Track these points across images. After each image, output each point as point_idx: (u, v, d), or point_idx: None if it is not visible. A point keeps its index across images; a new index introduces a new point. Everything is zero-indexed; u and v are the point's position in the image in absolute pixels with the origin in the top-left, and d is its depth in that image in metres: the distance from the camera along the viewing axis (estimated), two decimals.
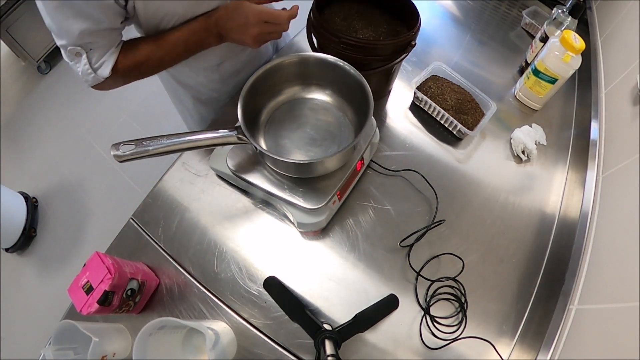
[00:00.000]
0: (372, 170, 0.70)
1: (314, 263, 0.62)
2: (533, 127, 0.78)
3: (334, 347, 0.47)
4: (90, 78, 0.58)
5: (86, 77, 0.58)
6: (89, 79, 0.58)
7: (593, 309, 0.52)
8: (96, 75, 0.58)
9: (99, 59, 0.57)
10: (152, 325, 0.47)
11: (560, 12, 0.79)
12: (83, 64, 0.56)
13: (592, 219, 0.64)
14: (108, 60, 0.57)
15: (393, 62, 0.67)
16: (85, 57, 0.56)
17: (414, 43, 0.66)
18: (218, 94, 0.82)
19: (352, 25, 0.69)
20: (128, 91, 2.23)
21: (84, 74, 0.58)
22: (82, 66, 0.57)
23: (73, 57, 0.56)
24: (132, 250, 0.64)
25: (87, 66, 0.57)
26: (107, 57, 0.57)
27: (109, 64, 0.58)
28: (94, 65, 0.57)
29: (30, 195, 1.72)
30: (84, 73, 0.57)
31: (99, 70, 0.58)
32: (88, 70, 0.57)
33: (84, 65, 0.56)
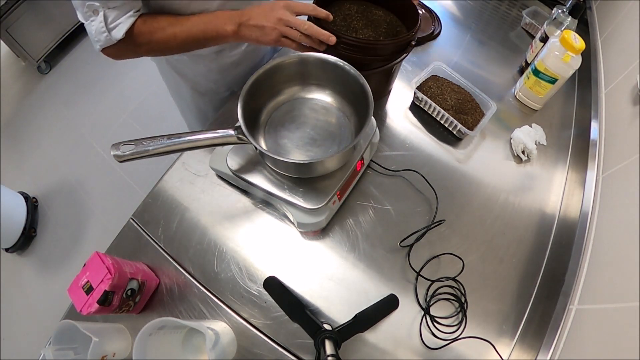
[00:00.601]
0: (372, 170, 0.70)
1: (314, 263, 0.62)
2: (533, 127, 0.78)
3: (334, 347, 0.47)
4: (102, 38, 0.56)
5: (99, 37, 0.56)
6: (102, 39, 0.57)
7: (593, 309, 0.52)
8: (109, 36, 0.56)
9: (116, 19, 0.56)
10: (152, 325, 0.47)
11: (560, 12, 0.79)
12: (98, 22, 0.55)
13: (592, 219, 0.64)
14: (124, 23, 0.56)
15: (393, 62, 0.67)
16: (102, 15, 0.54)
17: (413, 43, 0.66)
18: (216, 85, 0.83)
19: (351, 25, 0.69)
20: (128, 91, 2.25)
21: (97, 33, 0.56)
22: (96, 24, 0.55)
23: (90, 14, 0.55)
24: (132, 250, 0.64)
25: (102, 24, 0.55)
26: (124, 19, 0.56)
27: (124, 26, 0.56)
28: (109, 25, 0.55)
29: (30, 195, 1.72)
30: (98, 32, 0.56)
31: (114, 31, 0.56)
32: (102, 29, 0.55)
33: (99, 23, 0.55)
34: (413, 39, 0.65)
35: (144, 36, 0.59)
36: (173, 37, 0.61)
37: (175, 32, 0.60)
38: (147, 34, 0.59)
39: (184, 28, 0.60)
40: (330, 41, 0.60)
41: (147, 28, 0.59)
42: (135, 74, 2.12)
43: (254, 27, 0.60)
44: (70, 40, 2.26)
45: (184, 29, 0.60)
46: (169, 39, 0.61)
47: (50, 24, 2.10)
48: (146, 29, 0.59)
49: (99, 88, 2.13)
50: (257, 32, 0.60)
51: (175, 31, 0.60)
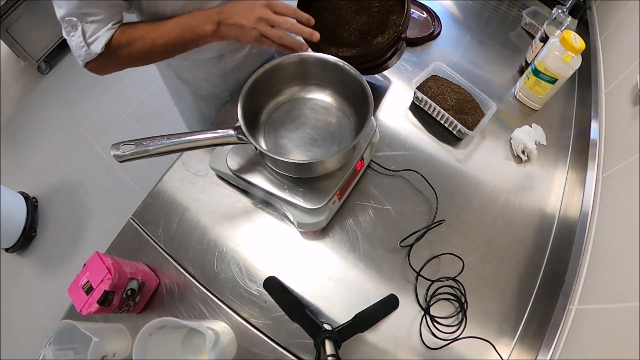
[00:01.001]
0: (372, 170, 0.70)
1: (314, 263, 0.62)
2: (533, 127, 0.78)
3: (334, 347, 0.47)
4: (82, 52, 0.56)
5: (79, 52, 0.56)
6: (82, 54, 0.57)
7: (593, 309, 0.52)
8: (89, 50, 0.56)
9: (94, 33, 0.55)
10: (152, 325, 0.47)
11: (560, 12, 0.79)
12: (77, 36, 0.55)
13: (592, 219, 0.64)
14: (102, 36, 0.56)
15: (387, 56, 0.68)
16: (80, 29, 0.54)
17: (404, 36, 0.67)
18: (219, 89, 0.82)
19: (342, 18, 0.68)
20: (128, 91, 2.25)
21: (77, 48, 0.56)
22: (76, 39, 0.55)
23: (70, 29, 0.54)
24: (132, 250, 0.64)
25: (80, 39, 0.55)
26: (103, 32, 0.56)
27: (102, 39, 0.56)
28: (87, 39, 0.55)
29: (30, 195, 1.72)
30: (77, 47, 0.56)
31: (92, 45, 0.56)
32: (81, 44, 0.55)
33: (77, 38, 0.55)
34: (403, 31, 0.66)
35: (124, 48, 0.59)
36: (152, 44, 0.60)
37: (154, 39, 0.59)
38: (126, 45, 0.59)
39: (162, 33, 0.59)
40: (313, 38, 0.59)
41: (126, 39, 0.58)
42: (136, 75, 2.12)
43: (233, 25, 0.58)
44: None
45: (162, 34, 0.59)
46: (149, 47, 0.60)
47: (50, 24, 2.10)
48: (125, 40, 0.58)
49: (99, 88, 2.13)
50: (237, 31, 0.59)
51: (154, 38, 0.59)
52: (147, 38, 0.59)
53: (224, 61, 0.76)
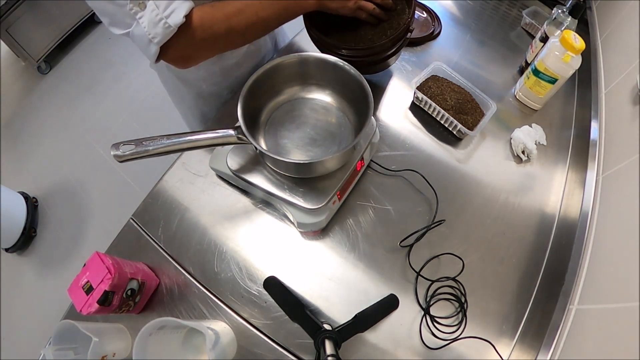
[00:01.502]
0: (372, 170, 0.70)
1: (314, 263, 0.62)
2: (533, 127, 0.78)
3: (334, 347, 0.47)
4: (159, 29, 0.48)
5: (154, 31, 0.48)
6: (158, 32, 0.48)
7: (593, 309, 0.52)
8: (167, 23, 0.48)
9: (169, 5, 0.48)
10: (152, 325, 0.47)
11: (560, 12, 0.79)
12: (150, 11, 0.47)
13: (592, 219, 0.64)
14: (180, 7, 0.49)
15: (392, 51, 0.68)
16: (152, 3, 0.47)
17: (411, 28, 0.68)
18: (219, 88, 0.82)
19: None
20: (128, 91, 2.25)
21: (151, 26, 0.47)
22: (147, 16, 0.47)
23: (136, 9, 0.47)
24: (132, 250, 0.64)
25: (155, 12, 0.47)
26: (178, 4, 0.49)
27: (181, 10, 0.49)
28: (163, 11, 0.47)
29: (30, 195, 1.72)
30: (151, 24, 0.47)
31: (171, 16, 0.48)
32: (157, 17, 0.47)
33: (151, 12, 0.47)
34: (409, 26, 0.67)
35: (220, 23, 0.53)
36: (256, 18, 0.55)
37: (256, 11, 0.55)
38: (223, 20, 0.53)
39: (263, 6, 0.55)
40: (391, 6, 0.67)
41: (222, 13, 0.52)
42: (136, 75, 2.12)
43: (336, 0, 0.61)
44: (70, 40, 2.27)
45: (264, 6, 0.55)
46: (252, 21, 0.55)
47: (50, 24, 2.10)
48: (220, 14, 0.52)
49: (99, 88, 2.13)
50: (337, 3, 0.62)
51: (257, 10, 0.55)
52: (248, 11, 0.54)
53: (223, 59, 0.76)
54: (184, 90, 0.84)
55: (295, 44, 0.88)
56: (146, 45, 0.50)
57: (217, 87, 0.82)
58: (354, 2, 0.63)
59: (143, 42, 0.50)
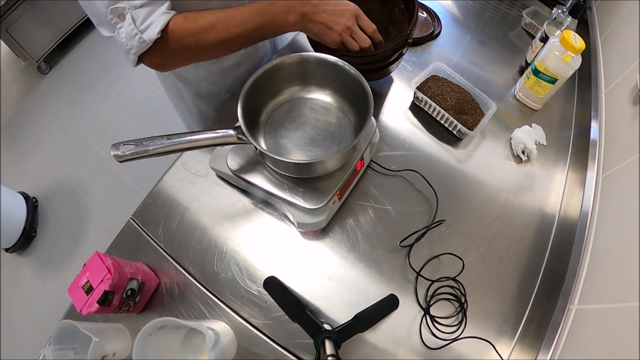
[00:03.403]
0: (372, 170, 0.70)
1: (314, 263, 0.62)
2: (533, 127, 0.78)
3: (334, 347, 0.47)
4: (135, 42, 0.50)
5: (131, 43, 0.50)
6: (135, 44, 0.50)
7: (593, 309, 0.52)
8: (142, 38, 0.50)
9: (146, 18, 0.50)
10: (152, 325, 0.47)
11: (560, 12, 0.79)
12: (127, 25, 0.49)
13: (592, 219, 0.64)
14: (157, 21, 0.50)
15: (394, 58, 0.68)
16: (130, 17, 0.49)
17: (410, 41, 0.67)
18: (217, 88, 0.82)
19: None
20: (128, 91, 2.25)
21: (128, 38, 0.50)
22: (125, 28, 0.49)
23: (116, 19, 0.49)
24: (132, 250, 0.64)
25: (131, 26, 0.49)
26: (156, 17, 0.50)
27: (157, 24, 0.50)
28: (139, 25, 0.49)
29: (30, 195, 1.73)
30: (128, 37, 0.50)
31: (146, 32, 0.50)
32: (132, 31, 0.49)
33: (128, 26, 0.49)
34: (410, 36, 0.66)
35: (190, 37, 0.53)
36: (227, 33, 0.55)
37: (228, 28, 0.54)
38: (194, 34, 0.53)
39: (237, 22, 0.54)
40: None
41: (193, 26, 0.53)
42: (135, 75, 2.12)
43: (320, 24, 0.57)
44: (70, 40, 2.27)
45: (237, 23, 0.54)
46: (222, 36, 0.55)
47: (50, 24, 2.10)
48: (191, 27, 0.53)
49: (99, 88, 2.13)
50: (322, 30, 0.58)
51: (228, 27, 0.54)
52: (219, 26, 0.54)
53: (222, 59, 0.76)
54: (183, 90, 0.84)
55: (295, 44, 0.88)
56: (125, 53, 0.53)
57: (216, 87, 0.82)
58: (338, 32, 0.58)
59: (123, 50, 0.53)
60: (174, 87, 0.85)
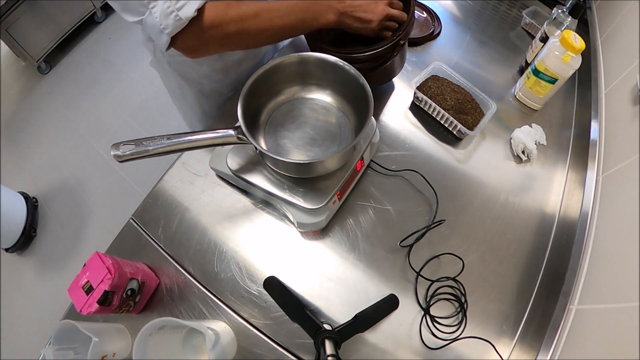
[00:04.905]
0: (372, 170, 0.70)
1: (314, 263, 0.62)
2: (533, 127, 0.78)
3: (334, 347, 0.47)
4: (170, 21, 0.48)
5: (165, 22, 0.48)
6: (169, 23, 0.49)
7: (593, 309, 0.52)
8: (178, 15, 0.48)
9: None
10: (152, 325, 0.47)
11: (560, 12, 0.79)
12: (162, 2, 0.48)
13: (592, 219, 0.64)
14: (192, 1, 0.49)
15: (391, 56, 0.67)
16: None
17: (402, 42, 0.66)
18: (220, 85, 0.83)
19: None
20: (128, 91, 2.25)
21: (162, 17, 0.48)
22: (160, 6, 0.48)
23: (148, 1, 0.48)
24: (132, 250, 0.64)
25: (167, 3, 0.47)
26: None
27: (193, 3, 0.49)
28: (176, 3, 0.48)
29: (30, 195, 1.72)
30: (163, 15, 0.48)
31: (182, 9, 0.48)
32: (168, 9, 0.48)
33: (163, 4, 0.47)
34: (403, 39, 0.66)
35: (234, 24, 0.53)
36: (269, 24, 0.56)
37: (271, 18, 0.55)
38: (237, 21, 0.53)
39: (280, 14, 0.56)
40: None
41: (236, 13, 0.53)
42: (136, 74, 2.12)
43: (358, 19, 0.60)
44: (70, 40, 2.27)
45: (280, 15, 0.56)
46: (265, 26, 0.55)
47: (50, 24, 2.10)
48: (234, 14, 0.52)
49: (99, 88, 2.13)
50: (360, 24, 0.61)
51: (272, 18, 0.55)
52: (263, 16, 0.55)
53: (225, 56, 0.77)
54: (186, 88, 0.84)
55: (296, 44, 0.88)
56: (158, 34, 0.51)
57: (219, 85, 0.83)
58: (377, 22, 0.60)
59: (155, 31, 0.51)
60: (177, 87, 0.85)
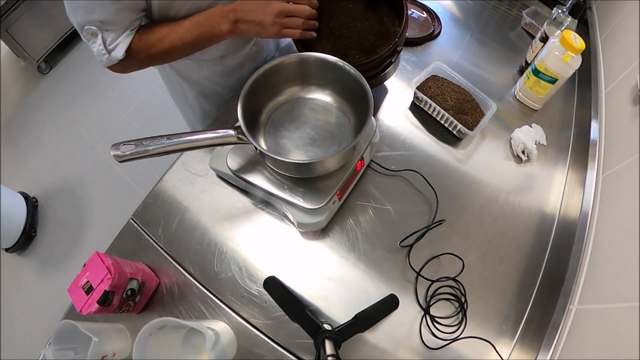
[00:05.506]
0: (372, 170, 0.70)
1: (314, 263, 0.62)
2: (533, 127, 0.78)
3: (334, 347, 0.47)
4: (104, 59, 0.59)
5: (101, 58, 0.59)
6: (103, 60, 0.59)
7: (593, 309, 0.52)
8: (110, 57, 0.59)
9: (114, 40, 0.58)
10: (152, 325, 0.47)
11: (560, 12, 0.79)
12: (98, 44, 0.57)
13: (592, 219, 0.64)
14: (122, 43, 0.58)
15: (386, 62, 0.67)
16: (100, 38, 0.57)
17: (399, 49, 0.66)
18: (221, 87, 0.83)
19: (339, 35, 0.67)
20: (128, 91, 2.25)
21: (98, 54, 0.59)
22: (97, 46, 0.58)
23: (89, 36, 0.57)
24: (132, 250, 0.64)
25: (101, 46, 0.57)
26: (122, 39, 0.58)
27: (122, 46, 0.58)
28: (108, 46, 0.58)
29: (30, 195, 1.72)
30: (99, 53, 0.58)
31: (113, 52, 0.59)
32: (102, 51, 0.58)
33: (98, 46, 0.57)
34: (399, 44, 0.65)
35: (142, 52, 0.61)
36: (170, 46, 0.61)
37: (171, 41, 0.61)
38: (145, 49, 0.61)
39: (178, 36, 0.61)
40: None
41: (144, 43, 0.60)
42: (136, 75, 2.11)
43: (251, 22, 0.59)
44: (70, 40, 2.26)
45: (178, 36, 0.61)
46: (167, 49, 0.62)
47: (50, 24, 2.10)
48: (143, 44, 0.60)
49: (99, 88, 2.13)
50: (256, 28, 0.60)
51: (171, 40, 0.61)
52: (164, 41, 0.61)
53: (226, 60, 0.77)
54: (187, 89, 0.84)
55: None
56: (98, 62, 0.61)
57: (220, 87, 0.83)
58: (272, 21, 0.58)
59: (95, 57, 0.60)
60: (178, 87, 0.86)
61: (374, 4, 0.69)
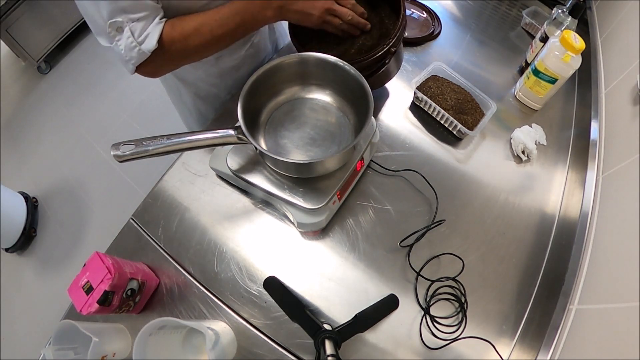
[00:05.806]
0: (372, 170, 0.70)
1: (314, 263, 0.62)
2: (533, 127, 0.78)
3: (334, 347, 0.47)
4: (134, 54, 0.52)
5: (130, 55, 0.52)
6: (134, 55, 0.53)
7: (593, 309, 0.52)
8: (141, 49, 0.52)
9: (143, 30, 0.52)
10: (152, 325, 0.47)
11: (560, 12, 0.79)
12: (126, 38, 0.51)
13: (592, 219, 0.64)
14: (153, 32, 0.52)
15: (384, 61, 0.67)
16: (128, 30, 0.51)
17: (393, 50, 0.66)
18: (217, 89, 0.83)
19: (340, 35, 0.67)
20: (128, 91, 2.25)
21: (127, 50, 0.52)
22: (124, 41, 0.51)
23: (114, 33, 0.51)
24: (132, 250, 0.64)
25: (130, 39, 0.51)
26: (152, 28, 0.53)
27: (154, 35, 0.52)
28: (138, 38, 0.52)
29: (30, 195, 1.72)
30: (127, 49, 0.52)
31: (144, 43, 0.52)
32: (132, 44, 0.52)
33: (127, 39, 0.51)
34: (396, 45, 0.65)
35: (177, 43, 0.55)
36: (210, 35, 0.57)
37: (211, 29, 0.56)
38: (180, 40, 0.55)
39: (219, 23, 0.56)
40: (366, 28, 0.65)
41: (179, 33, 0.55)
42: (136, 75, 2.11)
43: (298, 12, 0.60)
44: (70, 40, 2.27)
45: (219, 23, 0.56)
46: (206, 39, 0.57)
47: (50, 24, 2.10)
48: (177, 34, 0.55)
49: (99, 88, 2.13)
50: (301, 17, 0.60)
51: (212, 28, 0.56)
52: (203, 29, 0.56)
53: (222, 61, 0.76)
54: (183, 90, 0.84)
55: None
56: (124, 63, 0.55)
57: (215, 88, 0.82)
58: (318, 16, 0.59)
59: (121, 60, 0.55)
60: (175, 88, 0.86)
61: (376, 5, 0.70)
